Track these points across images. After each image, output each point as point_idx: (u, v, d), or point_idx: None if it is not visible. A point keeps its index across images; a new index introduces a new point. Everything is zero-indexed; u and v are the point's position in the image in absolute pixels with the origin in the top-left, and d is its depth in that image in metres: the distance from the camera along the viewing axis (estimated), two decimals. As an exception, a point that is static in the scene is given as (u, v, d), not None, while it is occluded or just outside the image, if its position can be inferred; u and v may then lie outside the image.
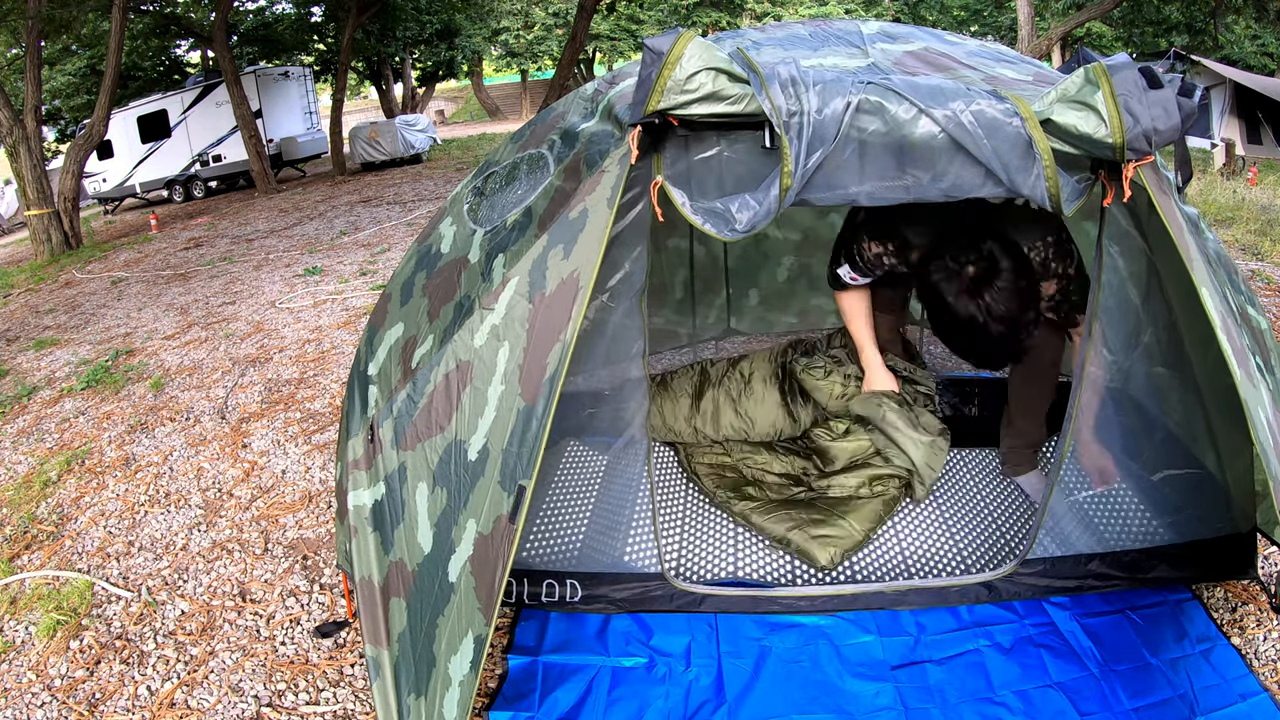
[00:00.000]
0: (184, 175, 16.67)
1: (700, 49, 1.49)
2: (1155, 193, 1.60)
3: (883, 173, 1.58)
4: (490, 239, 1.86)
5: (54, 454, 3.81)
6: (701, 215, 1.61)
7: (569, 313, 1.60)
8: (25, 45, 10.60)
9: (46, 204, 9.95)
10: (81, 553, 2.91)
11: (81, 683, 2.22)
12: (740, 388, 2.87)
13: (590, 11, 13.98)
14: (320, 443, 3.56)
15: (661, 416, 2.86)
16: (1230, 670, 1.89)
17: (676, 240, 3.59)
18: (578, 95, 2.09)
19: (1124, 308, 1.88)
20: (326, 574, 2.59)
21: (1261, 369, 1.71)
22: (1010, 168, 1.52)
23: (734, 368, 2.96)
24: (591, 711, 1.92)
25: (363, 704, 2.03)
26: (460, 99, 37.32)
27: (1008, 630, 2.08)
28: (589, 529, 2.12)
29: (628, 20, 26.62)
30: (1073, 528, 2.08)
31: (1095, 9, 15.62)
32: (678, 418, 2.86)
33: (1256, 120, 13.03)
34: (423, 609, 1.66)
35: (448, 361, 1.74)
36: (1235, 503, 2.11)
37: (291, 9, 19.62)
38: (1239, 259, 5.35)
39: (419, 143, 16.89)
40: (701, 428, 2.84)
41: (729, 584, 2.23)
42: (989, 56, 1.94)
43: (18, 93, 12.39)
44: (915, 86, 1.56)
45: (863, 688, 1.94)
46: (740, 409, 2.84)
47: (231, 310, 6.09)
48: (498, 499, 1.60)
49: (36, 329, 6.43)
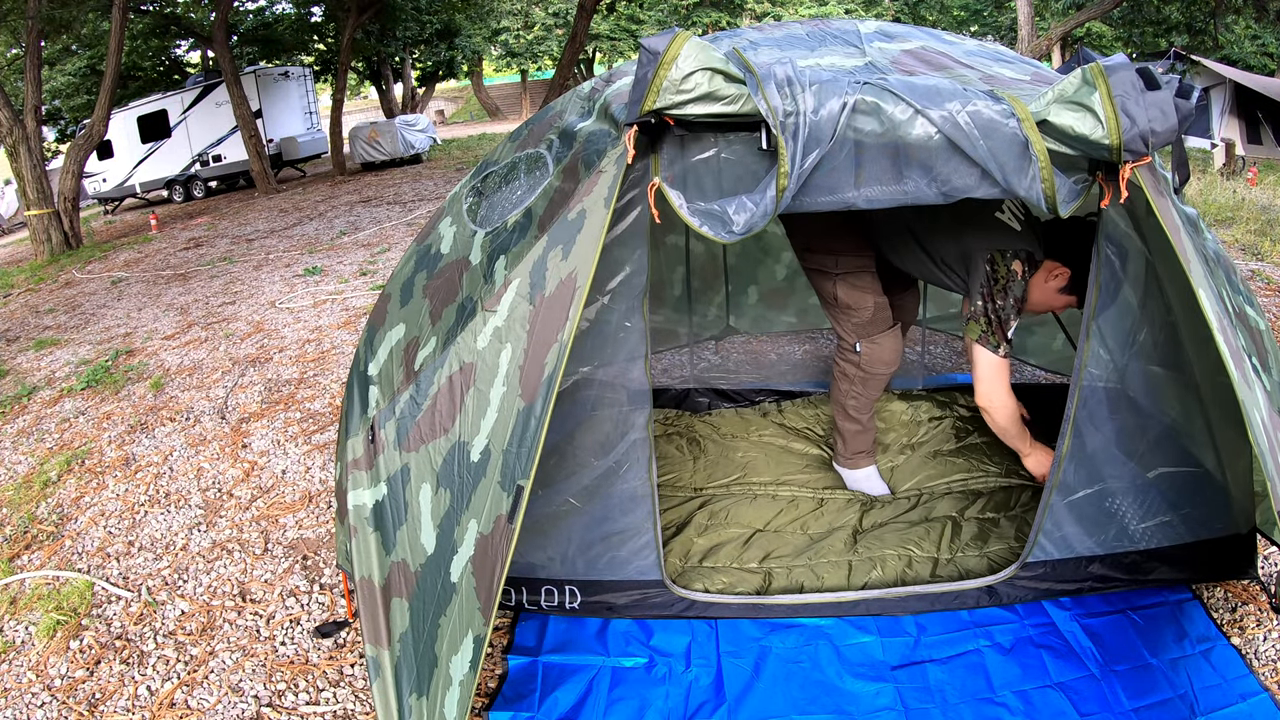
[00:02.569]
0: (184, 175, 16.68)
1: (696, 49, 1.49)
2: (1152, 194, 1.60)
3: (879, 175, 1.58)
4: (491, 240, 1.86)
5: (54, 454, 3.82)
6: (698, 217, 1.61)
7: (566, 313, 1.61)
8: (25, 45, 10.61)
9: (46, 204, 9.96)
10: (81, 553, 2.91)
11: (81, 683, 2.23)
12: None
13: (590, 11, 13.98)
14: (320, 443, 3.56)
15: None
16: (1230, 670, 1.89)
17: (675, 238, 3.59)
18: (575, 94, 2.09)
19: (1122, 308, 1.88)
20: (326, 574, 2.59)
21: (1257, 369, 1.71)
22: (1006, 169, 1.52)
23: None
24: (591, 711, 1.92)
25: (363, 704, 2.03)
26: (460, 99, 37.32)
27: (1008, 630, 2.08)
28: (589, 535, 2.12)
29: (628, 20, 26.62)
30: (1072, 529, 2.08)
31: (1095, 9, 15.61)
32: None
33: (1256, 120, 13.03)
34: (425, 609, 1.66)
35: (451, 363, 1.74)
36: (1235, 503, 2.10)
37: (291, 9, 19.62)
38: (1239, 259, 5.35)
39: (419, 143, 16.89)
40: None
41: (729, 592, 2.23)
42: (987, 56, 1.94)
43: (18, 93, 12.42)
44: (912, 87, 1.56)
45: (863, 688, 1.94)
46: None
47: (231, 310, 6.09)
48: (498, 499, 1.60)
49: (36, 329, 6.44)
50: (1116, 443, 2.01)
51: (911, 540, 2.36)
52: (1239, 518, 2.12)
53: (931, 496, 2.62)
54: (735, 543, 2.41)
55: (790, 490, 2.69)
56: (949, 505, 2.55)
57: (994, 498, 2.57)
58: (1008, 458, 2.77)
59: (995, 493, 2.59)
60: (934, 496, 2.61)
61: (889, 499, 2.63)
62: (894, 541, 2.37)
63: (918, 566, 2.27)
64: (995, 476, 2.68)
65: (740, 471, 2.82)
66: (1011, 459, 2.75)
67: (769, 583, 2.27)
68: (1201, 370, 1.93)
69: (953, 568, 2.27)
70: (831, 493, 2.67)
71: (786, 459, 2.88)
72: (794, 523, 2.52)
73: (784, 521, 2.53)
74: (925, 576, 2.24)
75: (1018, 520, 2.44)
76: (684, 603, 2.16)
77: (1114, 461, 2.02)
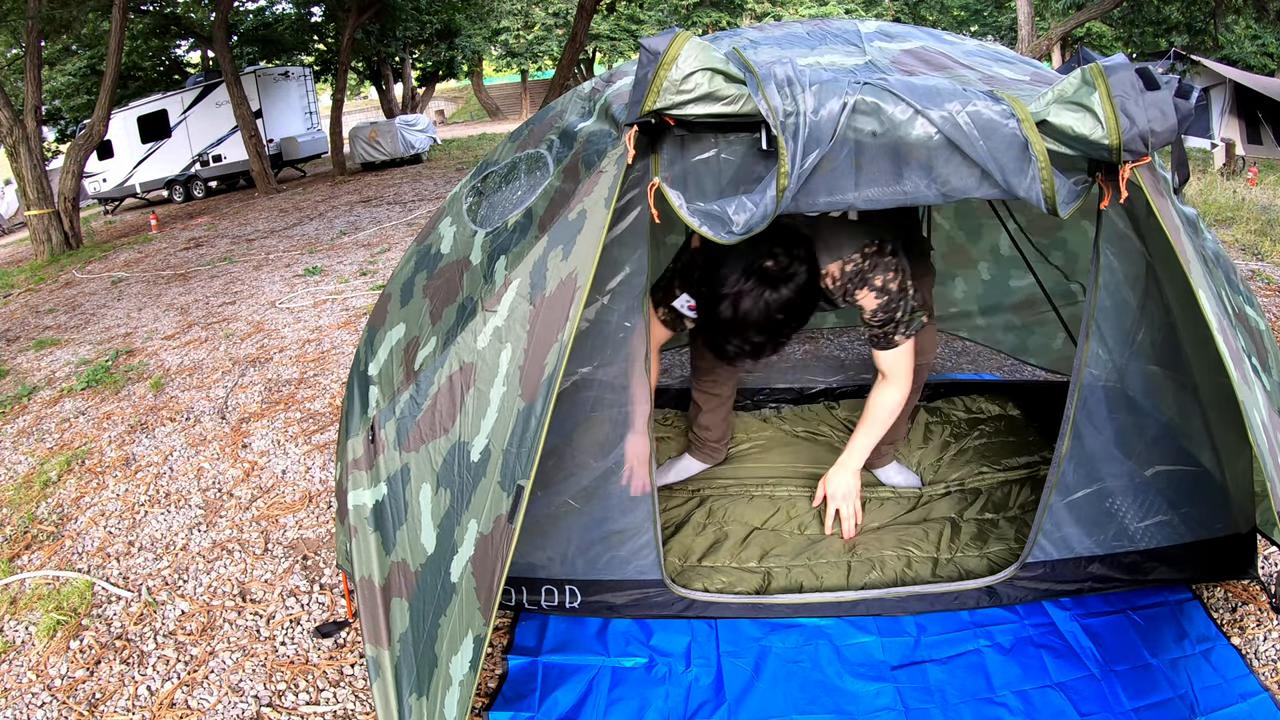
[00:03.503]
0: (184, 175, 16.68)
1: (696, 49, 1.49)
2: (1152, 194, 1.60)
3: (879, 176, 1.58)
4: (492, 241, 1.86)
5: (54, 454, 3.82)
6: (698, 218, 1.61)
7: (566, 313, 1.61)
8: (25, 45, 10.62)
9: (47, 204, 9.96)
10: (81, 553, 2.91)
11: (81, 683, 2.23)
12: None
13: (590, 11, 13.99)
14: (320, 443, 3.56)
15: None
16: (1230, 670, 1.89)
17: (675, 238, 3.57)
18: (575, 94, 2.09)
19: (1121, 308, 1.88)
20: (326, 574, 2.59)
21: (1257, 370, 1.71)
22: (1006, 170, 1.52)
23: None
24: (591, 712, 1.92)
25: (363, 704, 2.03)
26: (460, 99, 37.33)
27: (1008, 630, 2.08)
28: (589, 535, 2.12)
29: (628, 20, 26.63)
30: (1072, 530, 2.08)
31: (1095, 9, 15.62)
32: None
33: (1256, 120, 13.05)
34: (425, 610, 1.66)
35: (451, 363, 1.74)
36: (1235, 503, 2.10)
37: (291, 9, 19.63)
38: (1239, 259, 5.35)
39: (419, 143, 16.90)
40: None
41: (729, 591, 2.23)
42: (987, 56, 1.93)
43: (18, 93, 12.42)
44: (912, 87, 1.56)
45: (863, 688, 1.94)
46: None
47: (231, 310, 6.10)
48: (498, 499, 1.60)
49: (36, 329, 6.44)
50: (1116, 443, 2.01)
51: (911, 541, 2.36)
52: (1239, 517, 2.12)
53: (931, 497, 2.62)
54: (734, 542, 2.41)
55: (789, 490, 2.69)
56: (948, 505, 2.55)
57: (993, 498, 2.57)
58: (1008, 458, 2.77)
59: (994, 493, 2.59)
60: (933, 497, 2.61)
61: (891, 497, 2.63)
62: (893, 542, 2.37)
63: (917, 567, 2.28)
64: (994, 476, 2.68)
65: (739, 471, 2.82)
66: (1011, 459, 2.75)
67: (768, 582, 2.27)
68: (1201, 370, 1.93)
69: (952, 568, 2.27)
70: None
71: (786, 459, 2.88)
72: (792, 522, 2.52)
73: (782, 521, 2.53)
74: (925, 577, 2.24)
75: (1017, 521, 2.44)
76: (684, 602, 2.16)
77: (1113, 461, 2.02)
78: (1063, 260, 3.15)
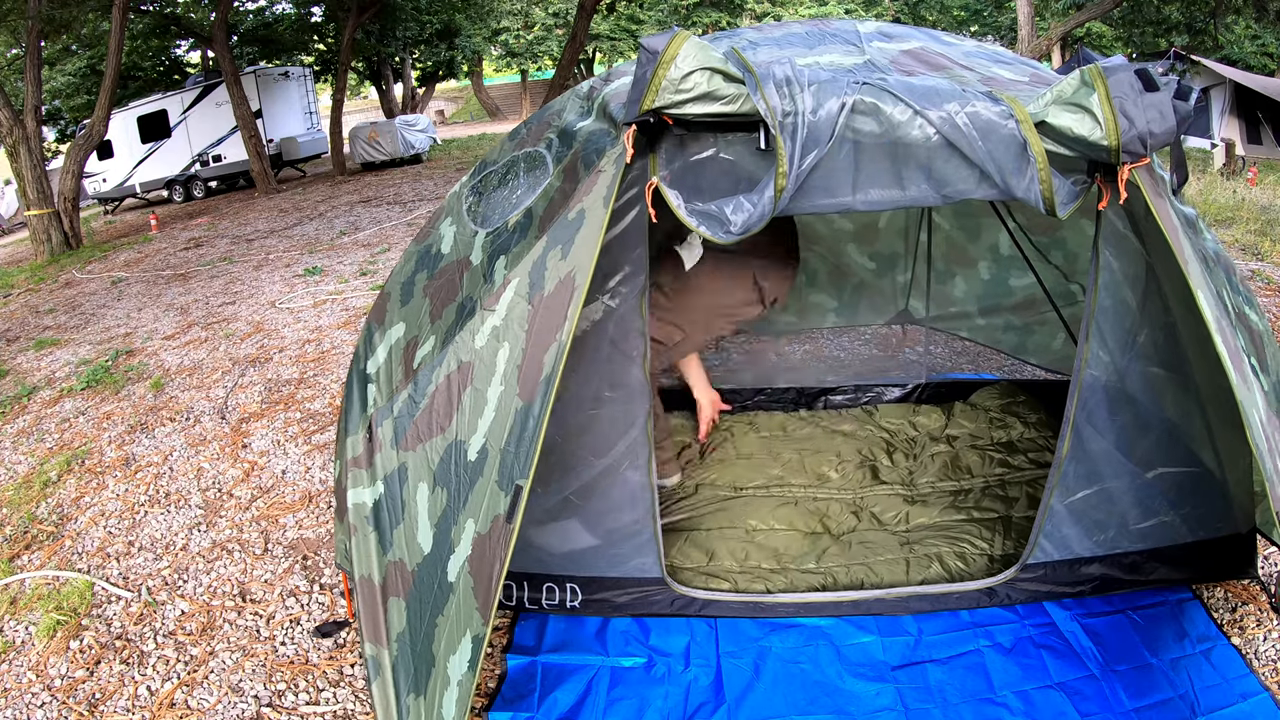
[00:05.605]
0: (184, 175, 16.67)
1: (695, 49, 1.49)
2: (1151, 195, 1.60)
3: (878, 177, 1.58)
4: (492, 241, 1.86)
5: (54, 454, 3.82)
6: (696, 217, 1.61)
7: (565, 313, 1.61)
8: (25, 45, 10.62)
9: (46, 204, 9.96)
10: (81, 553, 2.91)
11: (81, 683, 2.23)
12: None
13: (590, 11, 13.98)
14: (320, 443, 3.56)
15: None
16: (1231, 670, 1.89)
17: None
18: (574, 94, 2.09)
19: (1121, 309, 1.88)
20: (326, 574, 2.59)
21: (1256, 370, 1.71)
22: (1005, 170, 1.52)
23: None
24: (591, 711, 1.92)
25: (363, 704, 2.03)
26: (460, 99, 37.32)
27: (1008, 630, 2.08)
28: (589, 533, 2.12)
29: (628, 20, 26.60)
30: (1072, 530, 2.07)
31: (1095, 9, 15.61)
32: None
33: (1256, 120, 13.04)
34: (422, 609, 1.66)
35: (449, 362, 1.74)
36: (1235, 503, 2.10)
37: (291, 9, 19.62)
38: (1239, 259, 5.35)
39: (419, 143, 16.88)
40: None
41: (730, 590, 2.23)
42: (986, 57, 1.93)
43: (18, 93, 12.42)
44: (911, 88, 1.56)
45: (863, 688, 1.94)
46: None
47: (231, 310, 6.09)
48: (495, 499, 1.60)
49: (36, 329, 6.44)
50: (1116, 444, 2.00)
51: (911, 541, 2.36)
52: (1239, 518, 2.12)
53: (931, 498, 2.61)
54: (734, 542, 2.41)
55: (788, 491, 2.69)
56: (949, 506, 2.55)
57: (994, 498, 2.57)
58: (1008, 458, 2.77)
59: (995, 493, 2.59)
60: (933, 498, 2.61)
61: (888, 499, 2.63)
62: (894, 543, 2.36)
63: (918, 567, 2.27)
64: (995, 477, 2.68)
65: (739, 471, 2.82)
66: (1011, 459, 2.75)
67: (769, 582, 2.27)
68: (1201, 371, 1.93)
69: (953, 568, 2.27)
70: (830, 494, 2.67)
71: (785, 460, 2.88)
72: (792, 523, 2.52)
73: (782, 521, 2.53)
74: (925, 577, 2.24)
75: (1017, 521, 2.44)
76: (684, 600, 2.16)
77: (1114, 462, 2.02)
78: (1062, 260, 3.15)
